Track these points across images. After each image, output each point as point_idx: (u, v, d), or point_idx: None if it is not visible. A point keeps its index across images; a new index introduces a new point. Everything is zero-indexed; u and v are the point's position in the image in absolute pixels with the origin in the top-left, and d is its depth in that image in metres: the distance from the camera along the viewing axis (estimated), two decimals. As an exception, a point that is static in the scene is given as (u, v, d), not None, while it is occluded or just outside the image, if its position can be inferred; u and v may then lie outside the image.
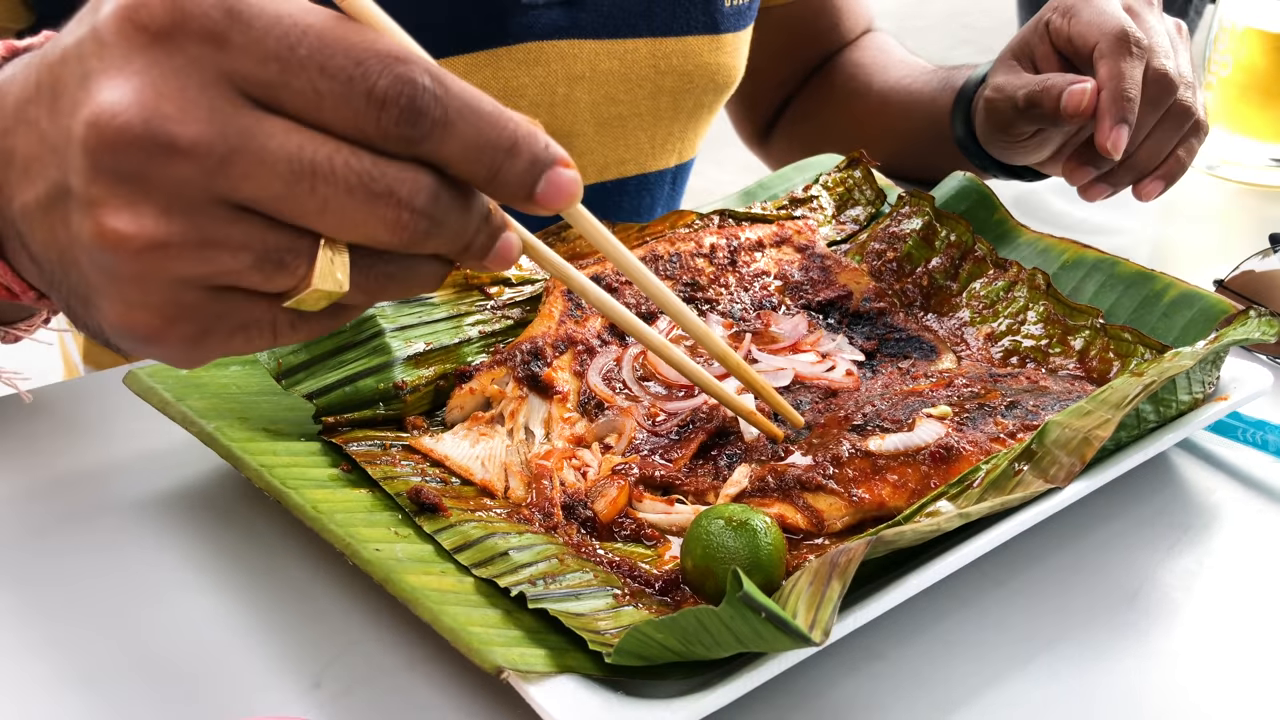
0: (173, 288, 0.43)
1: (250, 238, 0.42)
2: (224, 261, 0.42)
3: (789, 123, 1.28)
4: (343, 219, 0.42)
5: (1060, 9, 0.90)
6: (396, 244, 0.43)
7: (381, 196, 0.42)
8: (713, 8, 1.01)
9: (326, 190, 0.41)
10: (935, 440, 0.65)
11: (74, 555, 0.64)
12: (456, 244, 0.45)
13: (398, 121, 0.41)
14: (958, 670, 0.58)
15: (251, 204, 0.41)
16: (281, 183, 0.41)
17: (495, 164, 0.44)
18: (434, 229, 0.43)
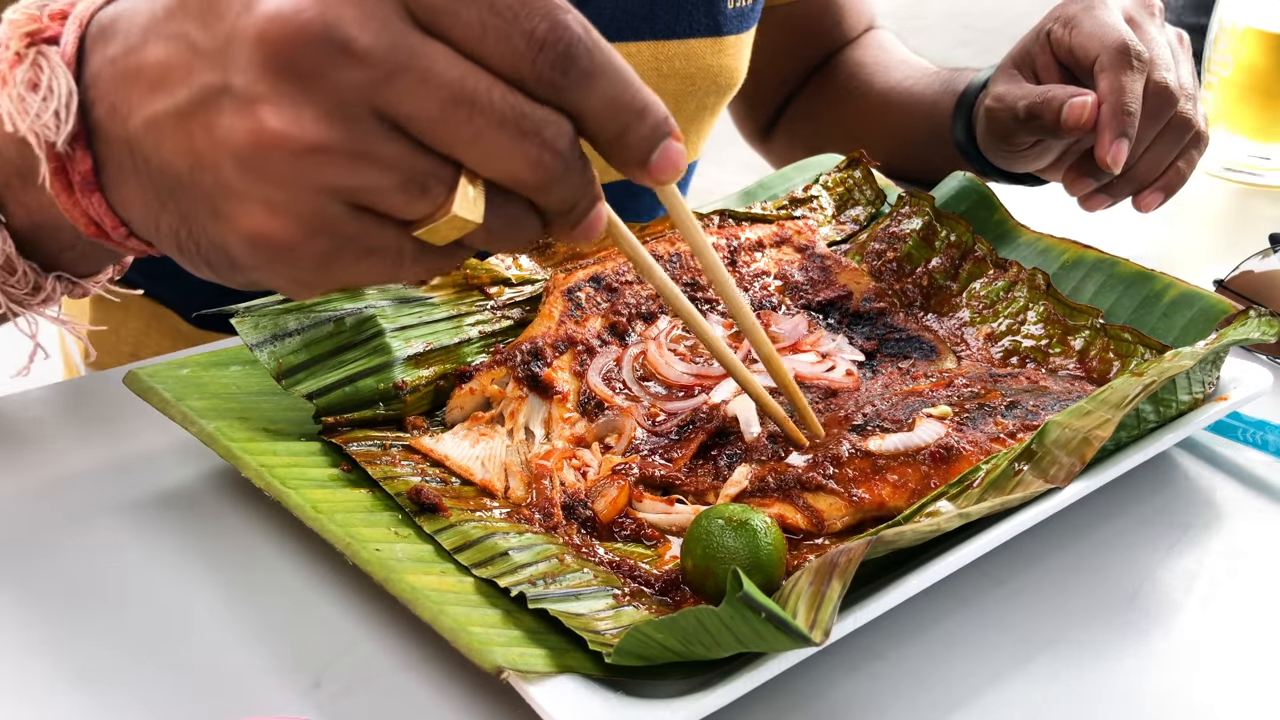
0: (319, 197, 0.43)
1: (400, 157, 0.43)
2: (373, 177, 0.43)
3: (791, 121, 1.28)
4: (490, 151, 0.43)
5: (1061, 19, 0.90)
6: (532, 183, 0.45)
7: (529, 135, 0.44)
8: (715, 10, 1.01)
9: (480, 120, 0.43)
10: (935, 440, 0.65)
11: (74, 555, 0.64)
12: (570, 199, 0.46)
13: (552, 65, 0.43)
14: (958, 670, 0.58)
15: (407, 123, 0.43)
16: (440, 106, 0.42)
17: (625, 123, 0.46)
18: (565, 175, 0.45)
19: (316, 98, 0.42)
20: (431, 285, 0.78)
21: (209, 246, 0.47)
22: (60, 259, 0.58)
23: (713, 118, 1.09)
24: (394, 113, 0.43)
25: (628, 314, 0.78)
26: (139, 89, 0.46)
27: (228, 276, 0.48)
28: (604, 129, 0.46)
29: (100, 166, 0.49)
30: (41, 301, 0.60)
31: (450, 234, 0.46)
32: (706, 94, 1.04)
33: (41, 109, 0.48)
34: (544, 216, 0.47)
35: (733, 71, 1.05)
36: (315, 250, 0.45)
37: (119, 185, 0.49)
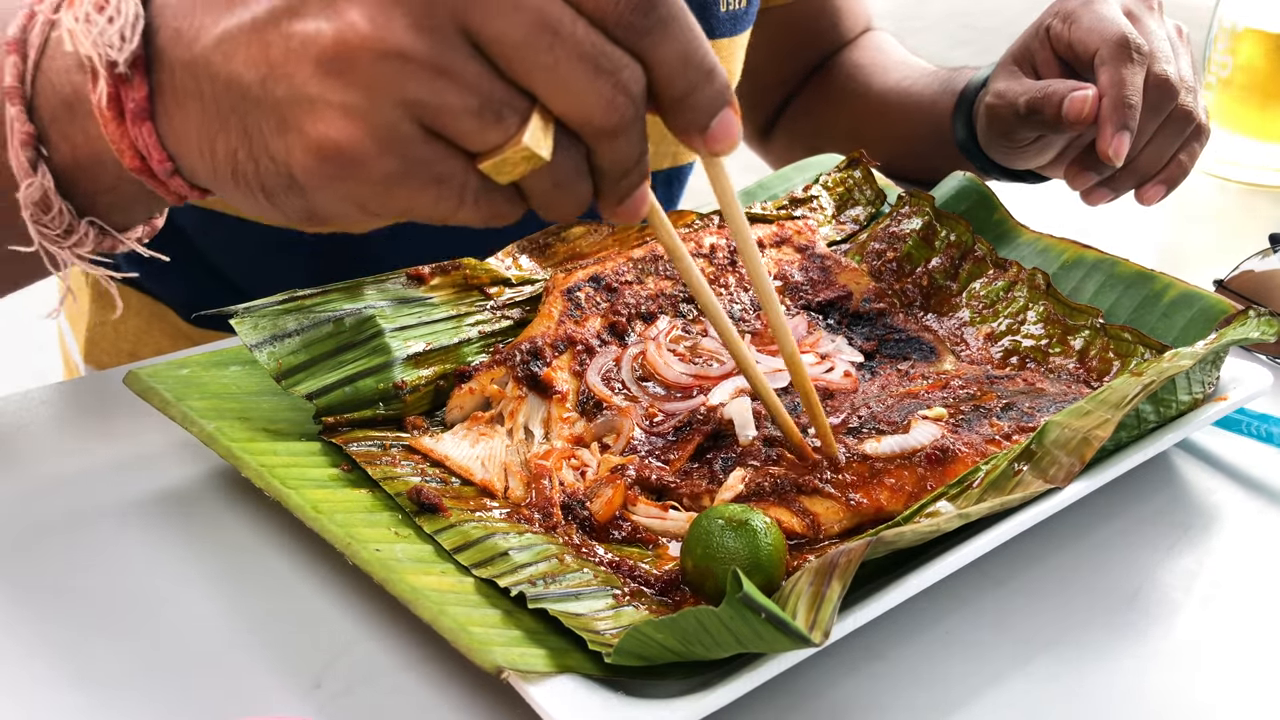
0: (396, 109, 0.44)
1: (480, 80, 0.44)
2: (451, 95, 0.44)
3: (790, 122, 1.28)
4: (567, 83, 0.44)
5: (1060, 14, 0.90)
6: (603, 124, 0.45)
7: (605, 73, 0.44)
8: (708, 13, 1.00)
9: (561, 51, 0.44)
10: (931, 442, 0.65)
11: (74, 555, 0.64)
12: (627, 160, 0.47)
13: (634, 8, 0.45)
14: (958, 670, 0.58)
15: (491, 45, 0.43)
16: (525, 30, 0.43)
17: (694, 81, 0.47)
18: (634, 124, 0.46)
19: (407, 6, 0.43)
20: (431, 285, 0.78)
21: (269, 164, 0.47)
22: (97, 202, 0.58)
23: None
24: (480, 32, 0.43)
25: (627, 314, 0.78)
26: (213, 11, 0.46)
27: (283, 201, 0.48)
28: (674, 83, 0.46)
29: (155, 95, 0.49)
30: (73, 245, 0.59)
31: (516, 169, 0.46)
32: None
33: (106, 28, 0.48)
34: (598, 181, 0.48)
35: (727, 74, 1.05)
36: (383, 169, 0.45)
37: (173, 114, 0.49)
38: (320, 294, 0.73)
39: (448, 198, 0.47)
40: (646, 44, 0.45)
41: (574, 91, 0.44)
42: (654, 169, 1.06)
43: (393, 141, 0.44)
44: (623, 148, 0.47)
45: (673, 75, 0.46)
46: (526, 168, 0.46)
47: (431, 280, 0.78)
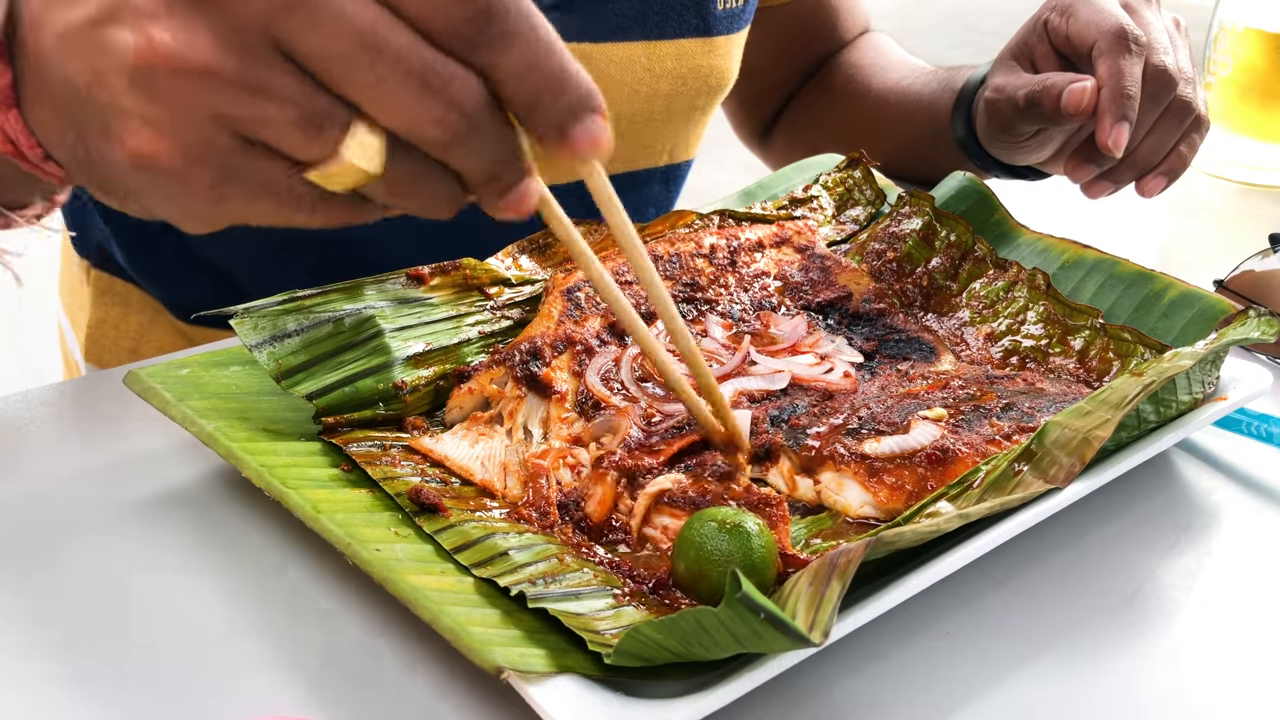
0: (207, 124, 0.42)
1: (295, 92, 0.42)
2: (263, 109, 0.42)
3: (788, 123, 1.28)
4: (392, 100, 0.42)
5: (1058, 8, 0.90)
6: (434, 139, 0.43)
7: (433, 89, 0.42)
8: (705, 11, 1.01)
9: (385, 68, 0.42)
10: (930, 442, 0.65)
11: (74, 555, 0.64)
12: (485, 165, 0.45)
13: (471, 19, 0.42)
14: (958, 670, 0.58)
15: (307, 59, 0.42)
16: (344, 45, 0.41)
17: (541, 89, 0.45)
18: (471, 137, 0.44)
19: (212, 20, 0.41)
20: (430, 285, 0.78)
21: (103, 167, 0.46)
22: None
23: (705, 117, 1.09)
24: (292, 46, 0.41)
25: (627, 314, 0.78)
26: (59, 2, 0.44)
27: (122, 201, 0.47)
28: (519, 93, 0.44)
29: (19, 81, 0.47)
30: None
31: (345, 181, 0.44)
32: (698, 94, 1.04)
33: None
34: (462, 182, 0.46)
35: (724, 72, 1.05)
36: (201, 179, 0.43)
37: (34, 103, 0.47)
38: (320, 294, 0.73)
39: (283, 206, 0.45)
40: (485, 57, 0.43)
41: (399, 108, 0.43)
42: (650, 166, 1.06)
43: (205, 153, 0.43)
44: (470, 157, 0.45)
45: (517, 86, 0.44)
46: (354, 180, 0.44)
47: (431, 280, 0.78)
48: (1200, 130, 0.89)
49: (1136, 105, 0.83)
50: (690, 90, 1.03)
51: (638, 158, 1.04)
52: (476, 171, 0.46)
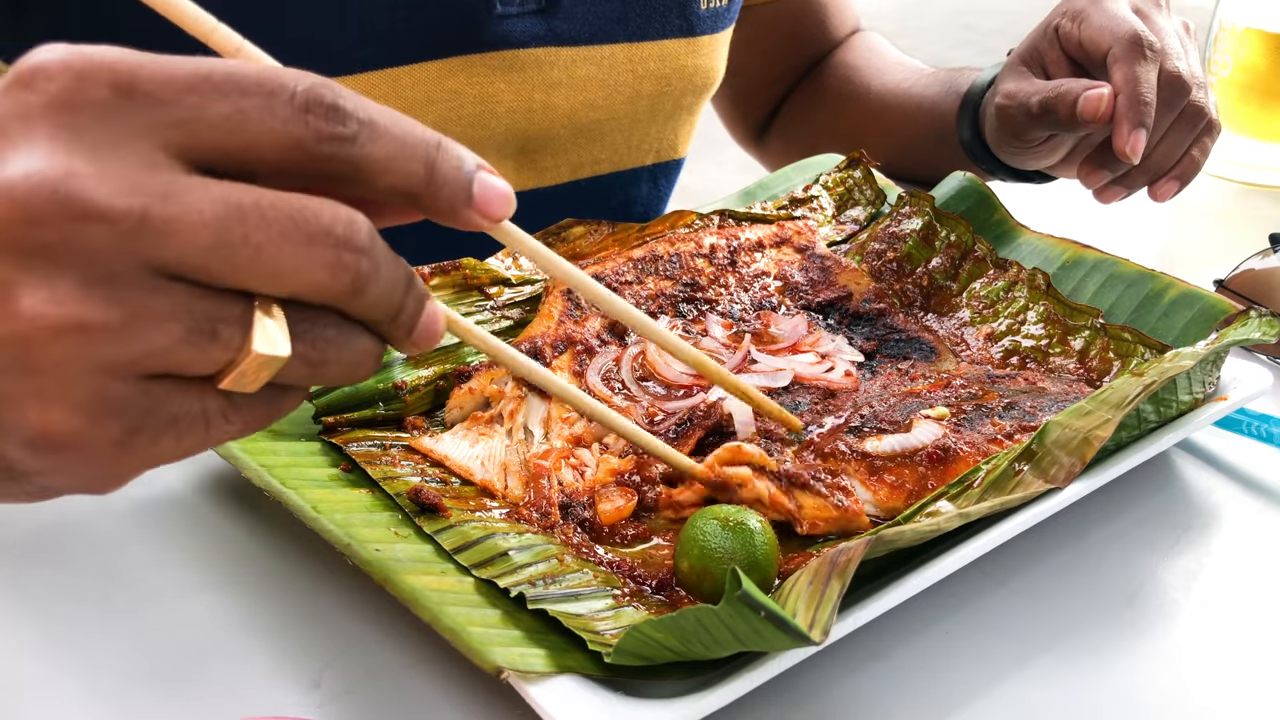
0: (97, 376, 0.38)
1: (178, 307, 0.38)
2: (152, 338, 0.38)
3: (784, 124, 1.28)
4: (279, 265, 0.38)
5: (1069, 14, 0.90)
6: (338, 288, 0.40)
7: (318, 235, 0.39)
8: (688, 11, 1.01)
9: (260, 236, 0.38)
10: (932, 441, 0.65)
11: (74, 556, 0.64)
12: (391, 299, 0.42)
13: (327, 118, 0.39)
14: (958, 670, 0.58)
15: (177, 267, 0.38)
16: (210, 234, 0.37)
17: (429, 158, 0.42)
18: (373, 271, 0.40)
19: (69, 268, 0.37)
20: (430, 286, 0.78)
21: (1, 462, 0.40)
22: None
23: (692, 116, 1.09)
24: (161, 259, 0.37)
25: (628, 314, 0.78)
26: None
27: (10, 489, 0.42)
28: (409, 169, 0.41)
29: None
30: None
31: (260, 377, 0.40)
32: (683, 94, 1.04)
33: None
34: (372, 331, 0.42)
35: (709, 71, 1.05)
36: (107, 436, 0.39)
37: None
38: (320, 294, 0.73)
39: (195, 432, 0.40)
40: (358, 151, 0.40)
41: (290, 271, 0.38)
42: (639, 164, 1.06)
43: (105, 408, 0.38)
44: (375, 296, 0.41)
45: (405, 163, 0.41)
46: (270, 371, 0.40)
47: (431, 280, 0.78)
48: (1212, 134, 0.90)
49: (1153, 112, 0.83)
50: (675, 90, 1.03)
51: (623, 158, 1.04)
52: (382, 310, 0.41)
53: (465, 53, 0.89)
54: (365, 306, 0.41)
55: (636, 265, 0.81)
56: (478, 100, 0.91)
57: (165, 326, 0.38)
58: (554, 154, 0.98)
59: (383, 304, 0.41)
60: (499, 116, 0.92)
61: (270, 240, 0.38)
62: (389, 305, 0.42)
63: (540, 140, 0.96)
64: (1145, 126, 0.83)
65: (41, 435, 0.39)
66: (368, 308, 0.41)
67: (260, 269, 0.38)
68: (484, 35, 0.90)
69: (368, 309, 0.41)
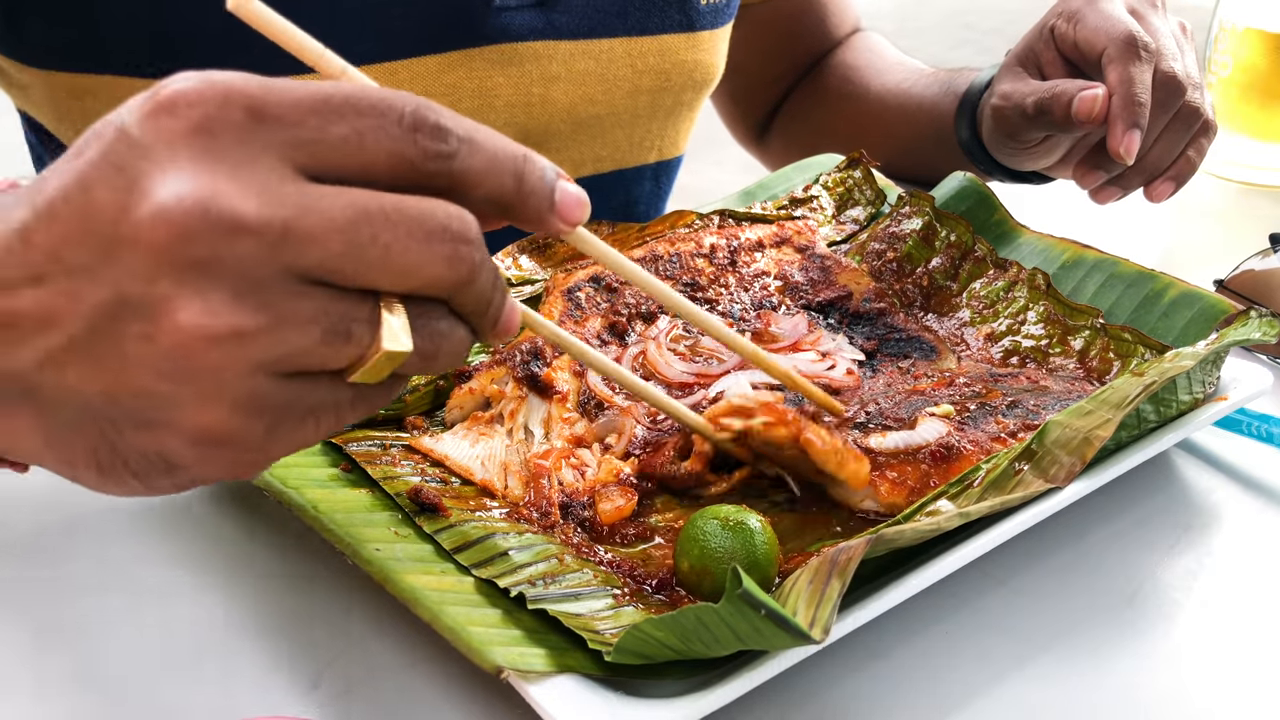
0: (249, 378, 0.42)
1: (317, 310, 0.42)
2: (295, 340, 0.42)
3: (785, 123, 1.28)
4: (406, 261, 0.42)
5: (1065, 15, 0.90)
6: (454, 279, 0.44)
7: (436, 234, 0.43)
8: (688, 6, 1.01)
9: (387, 236, 0.42)
10: (937, 439, 0.65)
11: (74, 555, 0.64)
12: (487, 295, 0.45)
13: (432, 137, 0.43)
14: (958, 670, 0.58)
15: (316, 271, 0.41)
16: (343, 238, 0.41)
17: (518, 170, 0.46)
18: (484, 263, 0.44)
19: (222, 281, 0.40)
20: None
21: (139, 459, 0.44)
22: None
23: (692, 113, 1.09)
24: (302, 265, 0.41)
25: (627, 314, 0.78)
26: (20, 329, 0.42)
27: (159, 484, 0.45)
28: (501, 181, 0.45)
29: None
30: None
31: (385, 370, 0.44)
32: (683, 89, 1.04)
33: None
34: (468, 323, 0.46)
35: (709, 67, 1.05)
36: (259, 429, 0.43)
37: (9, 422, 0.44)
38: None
39: (328, 420, 0.45)
40: (459, 165, 0.44)
41: (414, 266, 0.43)
42: (640, 163, 1.07)
43: (255, 405, 0.42)
44: (481, 286, 0.45)
45: (497, 176, 0.45)
46: (394, 364, 0.44)
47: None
48: (1208, 135, 0.90)
49: (1147, 112, 0.83)
50: (675, 86, 1.03)
51: (625, 156, 1.05)
52: (480, 302, 0.46)
53: (463, 46, 0.89)
54: (471, 298, 0.45)
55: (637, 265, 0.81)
56: (476, 94, 0.91)
57: (307, 329, 0.42)
58: (555, 150, 0.98)
59: (483, 296, 0.45)
60: (497, 110, 0.92)
61: (397, 239, 0.42)
62: (486, 297, 0.46)
63: (540, 135, 0.96)
64: (1140, 127, 0.83)
65: (202, 433, 0.43)
66: (473, 299, 0.45)
67: (390, 267, 0.42)
68: (482, 28, 0.90)
69: (472, 301, 0.45)
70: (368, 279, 0.42)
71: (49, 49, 0.44)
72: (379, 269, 0.42)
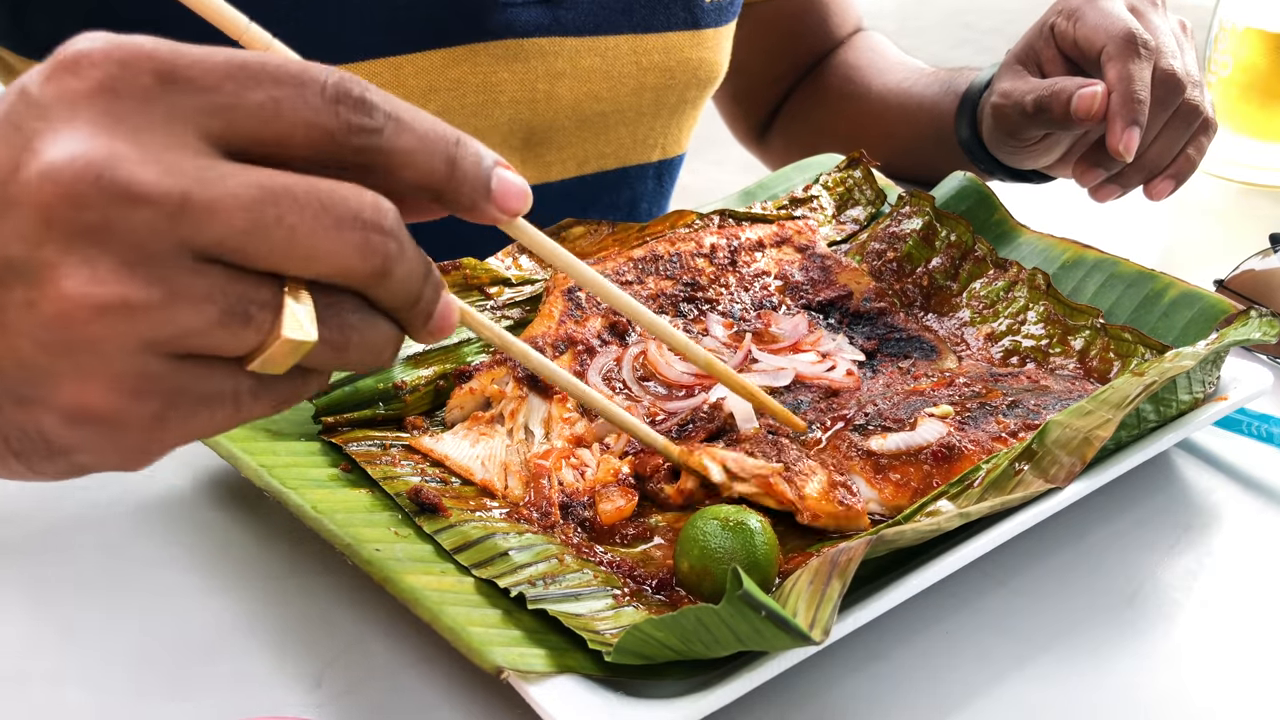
0: (135, 355, 0.39)
1: (214, 289, 0.39)
2: (188, 319, 0.39)
3: (786, 123, 1.28)
4: (311, 246, 0.40)
5: (1064, 12, 0.90)
6: (366, 270, 0.41)
7: (349, 218, 0.40)
8: (693, 3, 1.01)
9: (293, 218, 0.39)
10: (937, 439, 0.65)
11: (75, 556, 0.64)
12: (413, 287, 0.43)
13: (355, 110, 0.41)
14: (958, 670, 0.58)
15: (215, 249, 0.39)
16: (246, 217, 0.39)
17: (450, 154, 0.43)
18: (399, 254, 0.42)
19: (111, 249, 0.38)
20: (431, 285, 0.77)
21: (20, 438, 0.42)
22: None
23: (695, 111, 1.09)
24: (199, 242, 0.39)
25: (628, 314, 0.78)
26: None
27: (44, 467, 0.43)
28: (431, 164, 0.43)
29: None
30: None
31: (287, 360, 0.41)
32: (687, 87, 1.04)
33: None
34: (393, 318, 0.44)
35: (713, 65, 1.05)
36: (143, 413, 0.40)
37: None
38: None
39: (225, 410, 0.42)
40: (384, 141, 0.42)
41: (321, 252, 0.40)
42: (642, 161, 1.07)
43: (144, 385, 0.40)
44: (400, 280, 0.42)
45: (427, 158, 0.43)
46: (298, 355, 0.41)
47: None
48: (1208, 133, 0.90)
49: (1146, 110, 0.83)
50: (679, 83, 1.03)
51: (629, 153, 1.05)
52: (403, 296, 0.43)
53: (469, 41, 0.90)
54: (389, 291, 0.42)
55: (637, 265, 0.81)
56: (481, 89, 0.91)
57: (201, 308, 0.39)
58: (559, 147, 0.98)
59: (405, 290, 0.43)
60: (502, 106, 0.92)
61: (303, 222, 0.40)
62: (410, 292, 0.43)
63: (544, 132, 0.96)
64: (1138, 124, 0.83)
65: (80, 410, 0.40)
66: (391, 293, 0.43)
67: (293, 251, 0.40)
68: (488, 24, 0.90)
69: (390, 294, 0.43)
70: (270, 262, 0.40)
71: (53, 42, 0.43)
72: (282, 253, 0.40)
